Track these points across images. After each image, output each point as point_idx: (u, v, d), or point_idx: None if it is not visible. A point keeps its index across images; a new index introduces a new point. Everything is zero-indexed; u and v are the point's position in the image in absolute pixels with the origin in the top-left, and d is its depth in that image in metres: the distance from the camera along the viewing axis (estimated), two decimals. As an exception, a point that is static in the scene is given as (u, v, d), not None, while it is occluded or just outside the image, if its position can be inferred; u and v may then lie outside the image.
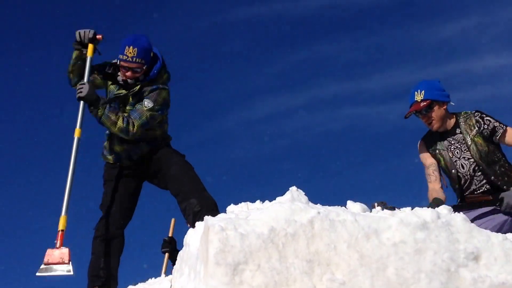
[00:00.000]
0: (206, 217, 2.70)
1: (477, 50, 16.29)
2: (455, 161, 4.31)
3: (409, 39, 16.69)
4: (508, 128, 4.24)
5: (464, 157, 4.28)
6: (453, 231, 2.79)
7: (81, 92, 4.10)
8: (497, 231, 3.87)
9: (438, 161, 4.41)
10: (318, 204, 2.85)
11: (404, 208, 3.15)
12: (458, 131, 4.31)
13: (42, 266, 3.80)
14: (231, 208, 3.12)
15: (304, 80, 16.67)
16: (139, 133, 4.19)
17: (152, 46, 4.31)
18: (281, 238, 2.59)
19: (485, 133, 4.22)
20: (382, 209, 4.05)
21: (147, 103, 4.21)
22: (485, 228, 3.89)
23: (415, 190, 4.61)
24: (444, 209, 2.92)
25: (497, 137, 4.22)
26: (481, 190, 4.23)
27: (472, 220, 3.91)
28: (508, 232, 3.86)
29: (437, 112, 4.27)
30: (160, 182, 4.40)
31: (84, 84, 4.14)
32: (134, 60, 4.18)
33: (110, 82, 4.35)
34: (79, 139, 4.11)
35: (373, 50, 16.77)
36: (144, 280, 4.34)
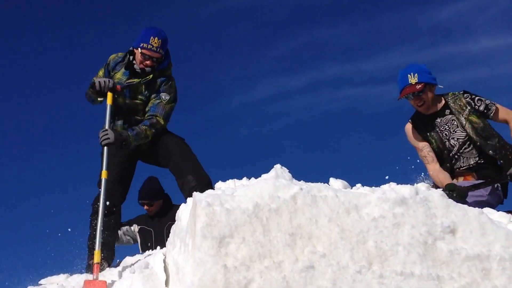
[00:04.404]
0: (194, 193, 2.83)
1: (473, 31, 16.39)
2: (445, 142, 4.41)
3: (406, 22, 16.77)
4: (498, 106, 4.35)
5: (453, 138, 4.38)
6: (430, 206, 2.92)
7: (108, 139, 4.24)
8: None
9: (430, 143, 4.48)
10: (302, 181, 2.98)
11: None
12: (447, 112, 4.39)
13: None
14: (218, 184, 3.25)
15: (304, 63, 16.87)
16: (166, 125, 4.51)
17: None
18: (265, 213, 2.72)
19: (479, 112, 4.32)
20: None
21: (164, 97, 4.48)
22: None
23: (411, 168, 4.68)
24: (422, 186, 3.04)
25: (491, 115, 4.33)
26: (465, 167, 4.35)
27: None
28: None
29: (429, 95, 4.36)
30: (160, 161, 4.58)
31: (107, 130, 4.28)
32: (158, 50, 4.42)
33: (116, 73, 4.50)
34: (106, 180, 4.18)
35: (371, 33, 16.90)
36: (140, 252, 4.54)
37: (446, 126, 4.40)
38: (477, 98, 4.37)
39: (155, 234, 5.41)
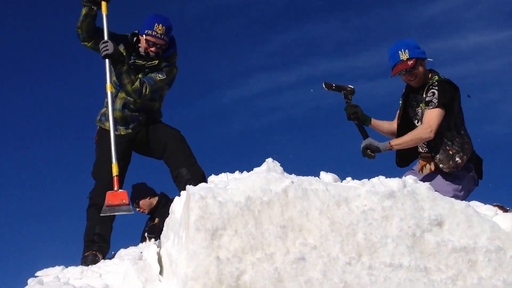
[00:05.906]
0: (188, 186, 2.88)
1: (462, 28, 16.64)
2: (412, 116, 4.46)
3: (395, 18, 16.96)
4: (434, 109, 4.20)
5: (418, 116, 4.44)
6: (418, 199, 2.99)
7: (107, 50, 4.27)
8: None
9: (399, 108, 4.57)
10: (293, 174, 3.04)
11: None
12: (421, 92, 4.42)
13: (105, 207, 4.08)
14: (211, 178, 3.30)
15: (296, 58, 17.06)
16: (149, 97, 4.49)
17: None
18: (257, 205, 2.78)
19: (424, 102, 4.33)
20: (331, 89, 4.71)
21: (161, 75, 4.52)
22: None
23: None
24: (410, 179, 3.11)
25: (425, 110, 4.26)
26: (424, 152, 4.40)
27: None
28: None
29: (420, 70, 4.38)
30: (155, 152, 4.62)
31: (107, 42, 4.32)
32: (162, 37, 4.45)
33: (124, 50, 4.51)
34: (112, 93, 4.35)
35: (362, 29, 17.07)
36: (135, 244, 4.59)
37: (415, 103, 4.45)
38: (432, 90, 4.26)
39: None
